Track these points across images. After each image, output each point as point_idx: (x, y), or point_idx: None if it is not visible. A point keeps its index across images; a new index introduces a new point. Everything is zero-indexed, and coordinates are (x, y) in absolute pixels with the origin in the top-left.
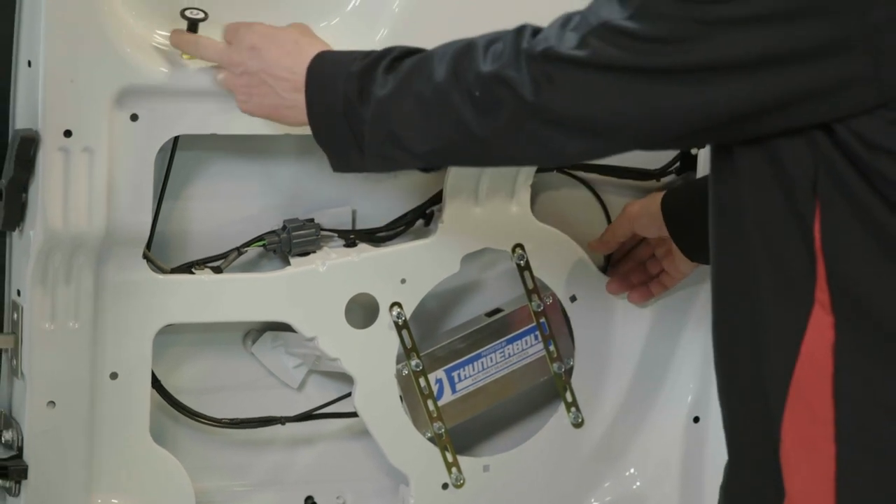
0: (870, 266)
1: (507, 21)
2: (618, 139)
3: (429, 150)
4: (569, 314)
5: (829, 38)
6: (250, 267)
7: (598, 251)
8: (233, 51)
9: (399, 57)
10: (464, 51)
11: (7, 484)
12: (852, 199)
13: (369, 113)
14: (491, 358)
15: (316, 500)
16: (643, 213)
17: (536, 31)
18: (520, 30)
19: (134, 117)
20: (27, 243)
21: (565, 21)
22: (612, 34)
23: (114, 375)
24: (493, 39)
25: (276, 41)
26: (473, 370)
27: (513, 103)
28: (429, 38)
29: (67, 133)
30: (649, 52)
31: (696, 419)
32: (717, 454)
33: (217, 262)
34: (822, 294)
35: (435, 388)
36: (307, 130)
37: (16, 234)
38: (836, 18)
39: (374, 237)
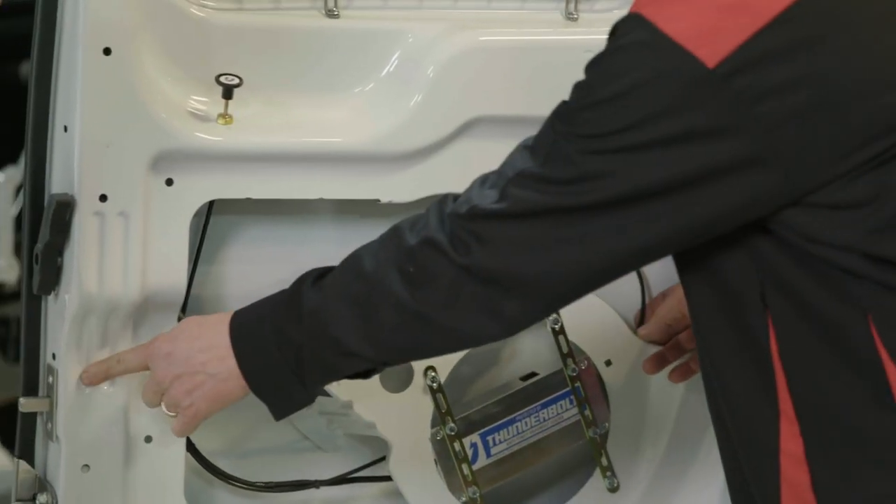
0: (826, 371)
1: (537, 84)
2: (550, 290)
3: (372, 345)
4: (604, 378)
5: (730, 151)
6: None
7: (649, 338)
8: (154, 373)
9: (320, 275)
10: (389, 235)
11: None
12: (802, 301)
13: (305, 331)
14: (526, 422)
15: None
16: None
17: (457, 196)
18: (442, 199)
19: (169, 182)
20: (62, 307)
21: (483, 180)
22: (529, 181)
23: (148, 439)
24: (415, 219)
25: (181, 335)
26: (508, 434)
27: (446, 268)
28: (462, 103)
29: (103, 198)
30: (566, 192)
31: None
32: None
33: None
34: (785, 405)
35: (470, 453)
36: (342, 193)
37: (51, 297)
38: (731, 132)
39: None
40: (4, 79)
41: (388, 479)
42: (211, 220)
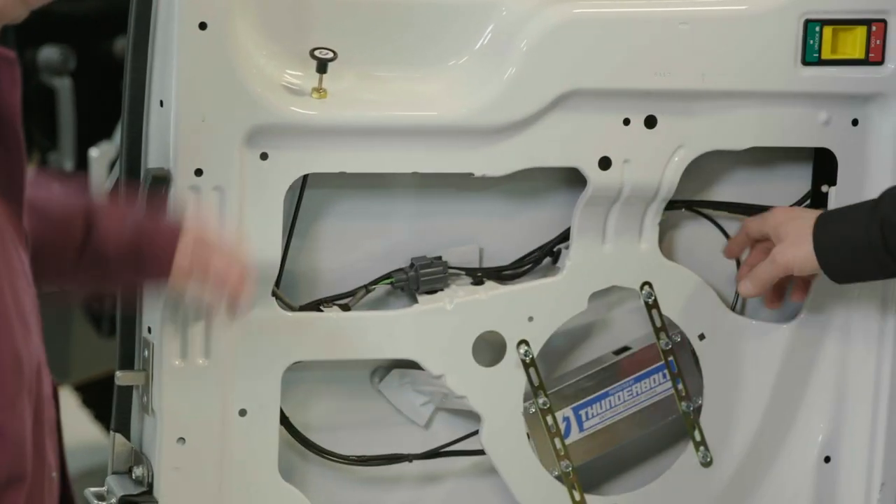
0: None
1: (632, 57)
2: None
3: None
4: (697, 352)
5: None
6: (378, 304)
7: (751, 294)
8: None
9: None
10: None
11: None
12: None
13: None
14: (619, 396)
15: None
16: (799, 263)
17: None
18: None
19: (264, 156)
20: None
21: None
22: None
23: (243, 412)
24: None
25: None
26: (601, 408)
27: None
28: (556, 76)
29: (198, 172)
30: None
31: (827, 459)
32: (847, 495)
33: (345, 300)
34: None
35: (562, 427)
36: (436, 167)
37: None
38: None
39: (502, 275)
40: (101, 55)
41: (480, 452)
42: (305, 194)
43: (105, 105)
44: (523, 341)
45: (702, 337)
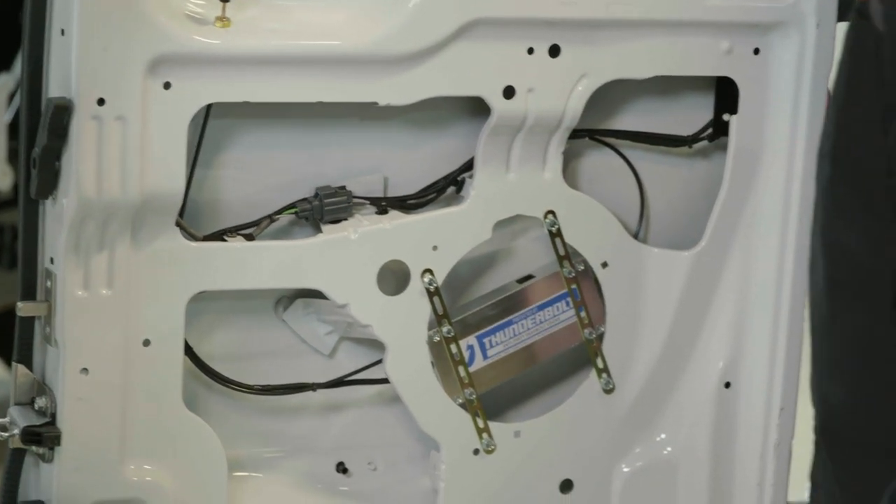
0: None
1: None
2: None
3: None
4: (600, 280)
5: None
6: (282, 234)
7: None
8: None
9: None
10: None
11: (40, 450)
12: None
13: None
14: (522, 324)
15: (347, 466)
16: None
17: None
18: None
19: (167, 85)
20: (60, 211)
21: None
22: None
23: (147, 343)
24: None
25: None
26: (504, 336)
27: None
28: (459, 4)
29: (101, 101)
30: None
31: (728, 385)
32: (747, 420)
33: (249, 230)
34: None
35: (466, 355)
36: (340, 96)
37: (49, 202)
38: None
39: (406, 204)
40: None
41: (384, 381)
42: (209, 123)
43: (4, 35)
44: (427, 270)
45: (605, 265)
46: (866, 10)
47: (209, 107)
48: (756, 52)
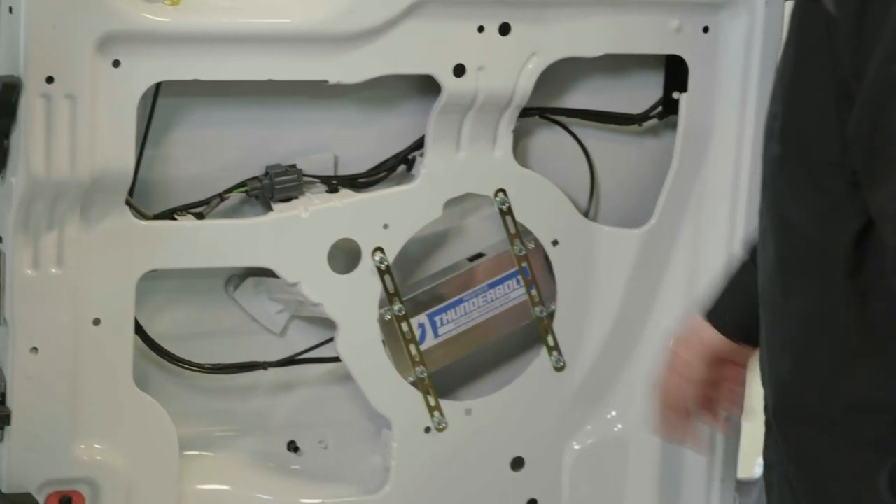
0: None
1: None
2: None
3: None
4: (551, 258)
5: None
6: (233, 213)
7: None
8: None
9: None
10: None
11: None
12: None
13: None
14: (473, 302)
15: (298, 444)
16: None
17: None
18: None
19: (116, 63)
20: (9, 190)
21: None
22: None
23: (97, 322)
24: None
25: None
26: (456, 315)
27: None
28: None
29: (50, 79)
30: None
31: None
32: None
33: (199, 208)
34: None
35: (417, 333)
36: (290, 74)
37: None
38: None
39: (357, 183)
40: None
41: (336, 360)
42: (158, 102)
43: None
44: (378, 248)
45: (555, 243)
46: None
47: (159, 85)
48: (706, 30)
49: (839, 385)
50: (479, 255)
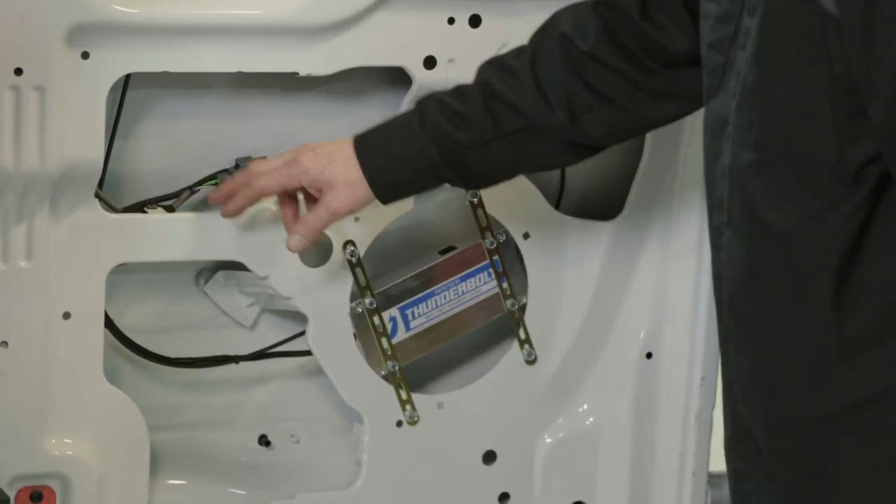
0: None
1: None
2: None
3: None
4: (522, 251)
5: None
6: (203, 206)
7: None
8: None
9: None
10: None
11: None
12: None
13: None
14: (444, 296)
15: (270, 438)
16: (359, 205)
17: None
18: None
19: (85, 55)
20: None
21: None
22: None
23: (67, 315)
24: None
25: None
26: (427, 308)
27: None
28: None
29: (18, 71)
30: None
31: (649, 355)
32: (669, 389)
33: (169, 201)
34: None
35: (389, 327)
36: (261, 66)
37: None
38: None
39: None
40: None
41: (307, 353)
42: (128, 94)
43: None
44: (349, 241)
45: (526, 236)
46: None
47: (128, 77)
48: None
49: (838, 383)
50: (450, 249)
